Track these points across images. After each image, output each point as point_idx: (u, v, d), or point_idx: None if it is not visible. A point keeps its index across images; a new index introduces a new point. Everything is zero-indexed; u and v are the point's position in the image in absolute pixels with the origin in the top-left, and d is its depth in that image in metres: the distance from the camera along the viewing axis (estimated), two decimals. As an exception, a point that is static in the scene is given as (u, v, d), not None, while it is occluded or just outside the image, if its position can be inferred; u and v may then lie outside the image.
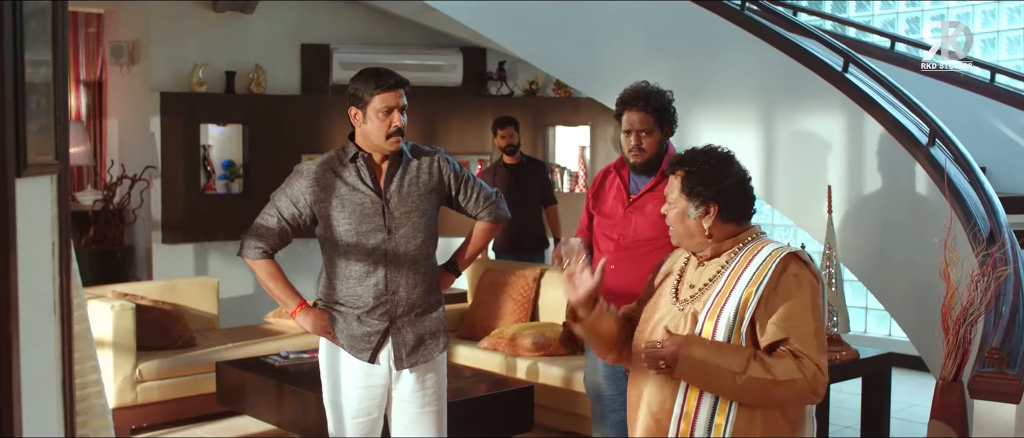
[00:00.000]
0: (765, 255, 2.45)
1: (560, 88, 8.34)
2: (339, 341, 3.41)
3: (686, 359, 2.32)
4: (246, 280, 7.73)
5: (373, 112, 3.30)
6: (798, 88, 5.37)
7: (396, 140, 3.32)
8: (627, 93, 3.66)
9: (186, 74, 7.42)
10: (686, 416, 2.42)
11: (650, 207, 3.57)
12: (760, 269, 2.42)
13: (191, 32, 7.46)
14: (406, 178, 3.38)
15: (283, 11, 7.79)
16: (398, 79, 3.33)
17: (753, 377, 2.31)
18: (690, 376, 2.36)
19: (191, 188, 7.42)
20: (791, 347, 2.36)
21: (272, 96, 7.73)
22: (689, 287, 2.53)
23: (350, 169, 3.37)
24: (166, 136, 7.31)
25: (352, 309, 3.38)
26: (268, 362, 5.27)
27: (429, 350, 3.44)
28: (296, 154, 7.75)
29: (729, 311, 2.41)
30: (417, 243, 3.36)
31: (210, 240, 7.59)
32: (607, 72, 6.18)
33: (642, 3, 5.99)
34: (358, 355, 3.38)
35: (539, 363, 5.47)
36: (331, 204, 3.36)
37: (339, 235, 3.36)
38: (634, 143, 3.60)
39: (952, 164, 4.66)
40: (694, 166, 2.52)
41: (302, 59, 7.93)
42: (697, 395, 2.41)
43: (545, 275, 6.17)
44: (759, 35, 5.57)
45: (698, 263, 2.55)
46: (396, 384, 3.43)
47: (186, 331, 6.02)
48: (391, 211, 3.34)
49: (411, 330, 3.39)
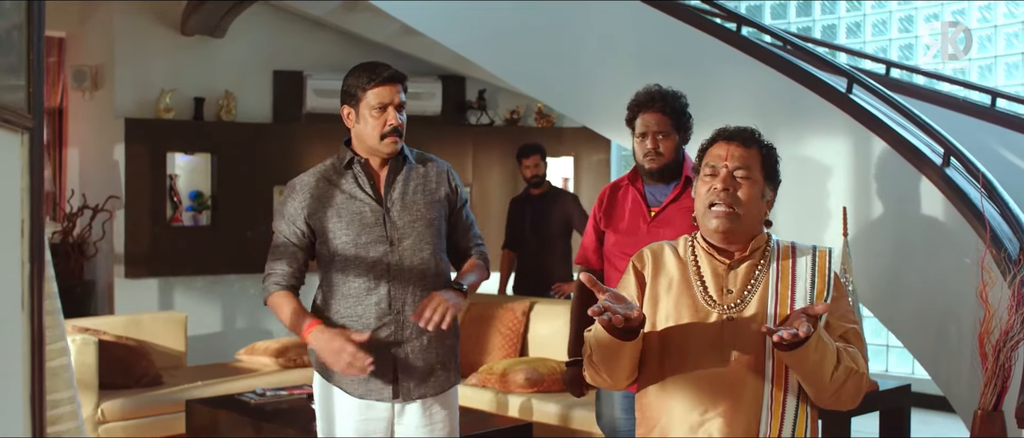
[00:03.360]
0: (812, 257, 2.28)
1: (542, 117, 8.10)
2: (330, 376, 3.03)
3: (817, 340, 2.08)
4: (214, 316, 7.39)
5: (367, 109, 2.97)
6: (799, 110, 5.16)
7: (393, 141, 2.97)
8: (641, 95, 3.38)
9: (152, 100, 7.10)
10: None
11: (678, 220, 3.28)
12: (819, 272, 2.26)
13: (158, 56, 7.15)
14: (410, 184, 3.04)
15: (255, 36, 7.51)
16: (394, 72, 2.98)
17: (846, 366, 2.14)
18: (809, 358, 2.09)
19: (156, 220, 7.09)
20: (851, 342, 2.22)
21: (243, 124, 7.42)
22: (724, 292, 2.25)
23: (347, 176, 3.03)
24: (130, 165, 6.98)
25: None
26: (243, 400, 4.91)
27: (439, 380, 3.05)
28: (267, 185, 7.46)
29: None
30: (424, 256, 3.01)
31: (176, 275, 7.23)
32: (596, 96, 5.95)
33: (633, 26, 5.77)
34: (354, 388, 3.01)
35: (533, 400, 5.15)
36: (327, 215, 3.01)
37: (337, 248, 3.00)
38: (650, 146, 3.31)
39: (969, 184, 4.46)
40: (765, 147, 2.30)
41: (274, 86, 7.63)
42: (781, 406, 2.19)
43: (535, 308, 5.86)
44: (756, 57, 5.37)
45: (726, 266, 2.27)
46: (399, 420, 3.03)
47: (152, 368, 5.65)
48: (393, 221, 2.99)
49: (420, 356, 3.02)
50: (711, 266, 2.28)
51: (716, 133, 2.33)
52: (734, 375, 2.19)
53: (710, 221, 2.23)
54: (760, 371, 2.17)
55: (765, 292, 2.23)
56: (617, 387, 2.34)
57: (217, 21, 7.11)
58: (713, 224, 2.23)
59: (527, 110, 8.20)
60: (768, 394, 2.17)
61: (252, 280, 7.53)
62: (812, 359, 2.08)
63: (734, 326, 2.21)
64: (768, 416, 2.17)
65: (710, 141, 2.33)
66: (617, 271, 3.34)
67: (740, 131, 2.31)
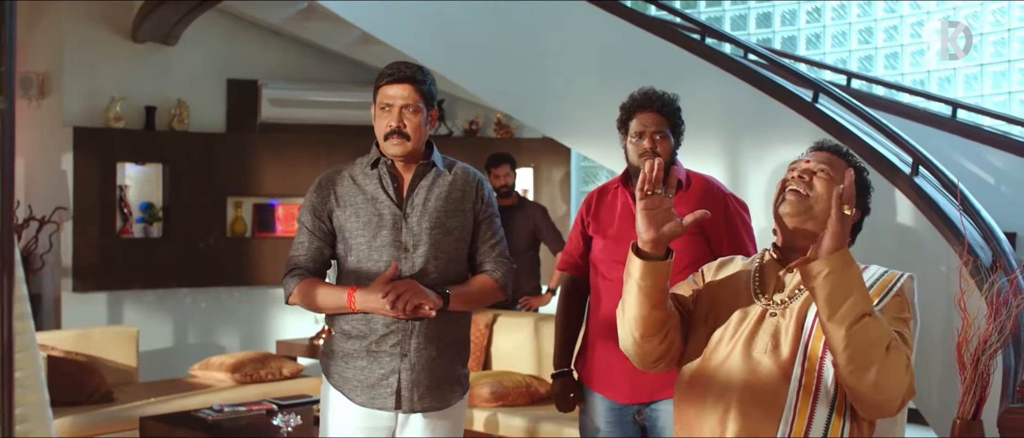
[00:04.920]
0: (878, 275, 2.20)
1: (501, 128, 8.01)
2: (335, 381, 2.96)
3: (847, 255, 1.97)
4: (166, 330, 7.20)
5: (378, 107, 2.92)
6: (765, 120, 5.14)
7: (397, 143, 2.89)
8: (639, 96, 3.30)
9: (102, 108, 6.91)
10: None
11: None
12: (880, 284, 2.17)
13: (108, 63, 6.96)
14: (434, 191, 2.95)
15: (208, 43, 7.34)
16: (410, 72, 2.89)
17: (886, 330, 1.99)
18: (836, 268, 1.96)
19: (106, 232, 6.88)
20: None
21: (195, 133, 7.24)
22: (773, 290, 2.18)
23: (372, 176, 2.96)
24: (79, 175, 6.78)
25: (359, 339, 2.91)
26: (200, 416, 4.75)
27: (445, 394, 2.95)
28: (221, 196, 7.30)
29: None
30: (438, 265, 2.91)
31: (126, 288, 7.03)
32: (559, 106, 5.88)
33: (596, 35, 5.71)
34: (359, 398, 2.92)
35: (499, 414, 5.05)
36: (347, 213, 2.94)
37: (351, 248, 2.93)
38: (648, 146, 3.22)
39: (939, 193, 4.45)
40: (857, 168, 2.27)
41: (228, 95, 7.46)
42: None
43: (498, 321, 5.76)
44: (722, 66, 5.34)
45: (785, 269, 2.20)
46: (402, 430, 2.93)
47: (103, 385, 5.46)
48: (410, 226, 2.90)
49: (426, 368, 2.90)
50: (771, 267, 2.23)
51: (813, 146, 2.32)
52: (760, 372, 2.10)
53: (782, 206, 2.20)
54: (788, 374, 2.09)
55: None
56: (633, 339, 2.19)
57: (169, 28, 6.94)
58: (786, 209, 2.19)
59: (486, 120, 8.11)
60: (793, 397, 2.08)
61: (205, 293, 7.35)
62: (837, 267, 1.95)
63: (773, 321, 2.14)
64: (791, 417, 2.07)
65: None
66: (604, 279, 3.24)
67: (834, 146, 2.29)
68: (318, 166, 7.42)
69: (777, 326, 2.14)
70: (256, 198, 7.50)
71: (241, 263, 7.35)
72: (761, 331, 2.14)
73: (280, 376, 6.08)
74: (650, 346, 2.19)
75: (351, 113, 7.51)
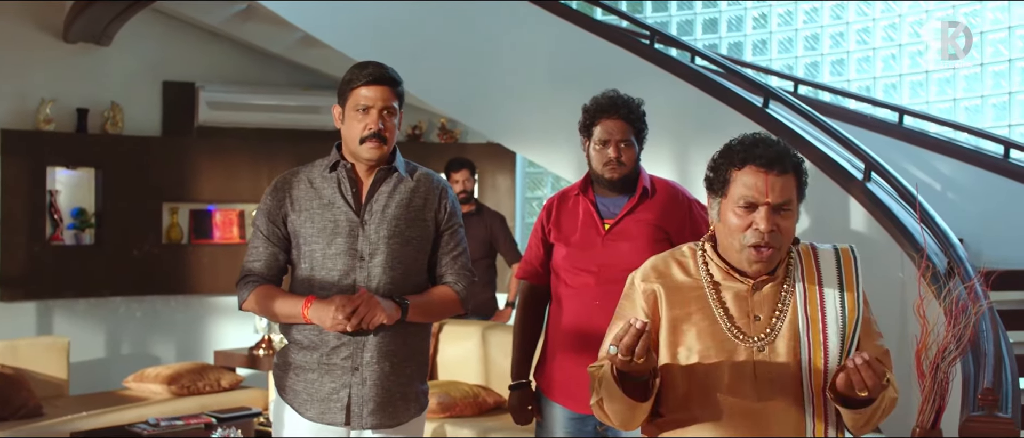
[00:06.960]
0: (836, 264, 2.11)
1: (445, 133, 7.90)
2: (286, 395, 2.83)
3: (890, 388, 2.01)
4: (98, 341, 6.97)
5: (351, 109, 2.77)
6: (715, 124, 5.09)
7: (373, 146, 2.76)
8: (602, 101, 3.20)
9: (31, 110, 6.67)
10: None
11: (635, 232, 3.10)
12: (847, 284, 2.11)
13: (38, 64, 6.73)
14: (395, 197, 2.82)
15: (143, 44, 7.12)
16: (386, 74, 2.77)
17: (890, 396, 2.06)
18: (877, 408, 2.02)
19: (35, 238, 6.64)
20: (884, 364, 2.08)
21: (130, 137, 7.02)
22: (751, 320, 2.09)
23: (330, 180, 2.83)
24: (7, 180, 6.55)
25: (311, 350, 2.78)
26: (135, 431, 4.58)
27: (397, 412, 2.82)
28: (156, 202, 7.10)
29: (834, 342, 2.09)
30: (394, 275, 2.78)
31: (56, 298, 6.79)
32: (506, 110, 5.79)
33: (544, 39, 5.64)
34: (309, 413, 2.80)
35: (446, 424, 4.93)
36: (302, 218, 2.81)
37: (305, 255, 2.80)
38: (612, 155, 3.13)
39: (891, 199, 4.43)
40: (800, 168, 2.10)
41: (164, 97, 7.25)
42: None
43: (444, 329, 5.64)
44: (670, 70, 5.29)
45: (749, 288, 2.10)
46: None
47: (31, 398, 5.25)
48: (367, 234, 2.78)
49: (378, 383, 2.78)
50: (732, 289, 2.10)
51: (744, 152, 2.07)
52: (772, 412, 2.03)
53: (751, 264, 2.05)
54: (800, 404, 2.01)
55: (795, 318, 2.08)
56: (627, 428, 2.15)
57: (102, 28, 6.71)
58: (755, 267, 2.06)
59: (429, 126, 7.99)
60: (811, 429, 2.04)
61: (139, 302, 7.13)
62: (874, 408, 2.01)
63: (766, 361, 2.06)
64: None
65: (732, 160, 2.08)
66: (566, 286, 3.14)
67: (777, 155, 2.05)
68: (257, 171, 7.27)
69: (770, 363, 2.08)
70: (193, 204, 7.30)
71: (177, 271, 7.14)
72: (758, 373, 2.07)
73: (218, 388, 5.90)
74: None
75: (291, 117, 7.36)
